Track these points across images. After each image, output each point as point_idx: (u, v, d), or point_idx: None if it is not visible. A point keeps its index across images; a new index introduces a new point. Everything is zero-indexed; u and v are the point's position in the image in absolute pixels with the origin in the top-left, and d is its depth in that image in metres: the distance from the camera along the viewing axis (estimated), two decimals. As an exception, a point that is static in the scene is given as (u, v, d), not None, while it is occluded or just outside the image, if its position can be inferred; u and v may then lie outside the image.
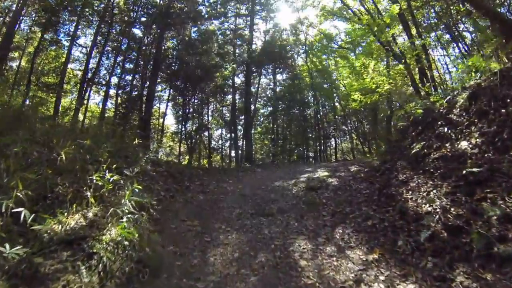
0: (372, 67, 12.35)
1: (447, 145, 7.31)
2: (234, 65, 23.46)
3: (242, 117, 27.65)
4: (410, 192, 7.16)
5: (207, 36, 21.16)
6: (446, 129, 7.73)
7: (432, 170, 7.23)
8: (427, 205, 6.28)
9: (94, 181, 5.98)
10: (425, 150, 8.32)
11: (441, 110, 8.76)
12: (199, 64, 19.11)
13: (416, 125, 10.32)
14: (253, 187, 10.43)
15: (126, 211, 5.40)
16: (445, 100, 8.93)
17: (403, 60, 13.50)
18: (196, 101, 27.58)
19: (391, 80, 13.41)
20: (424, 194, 6.71)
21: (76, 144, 7.19)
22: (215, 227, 7.09)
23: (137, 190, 6.03)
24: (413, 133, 10.15)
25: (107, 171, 6.32)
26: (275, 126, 29.78)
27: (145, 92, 24.27)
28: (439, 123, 8.28)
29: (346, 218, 7.15)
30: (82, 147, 7.25)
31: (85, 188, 5.91)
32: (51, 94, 22.92)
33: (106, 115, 25.65)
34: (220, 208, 8.34)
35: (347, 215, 7.31)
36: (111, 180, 6.17)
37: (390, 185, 8.12)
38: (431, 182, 6.88)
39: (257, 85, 29.01)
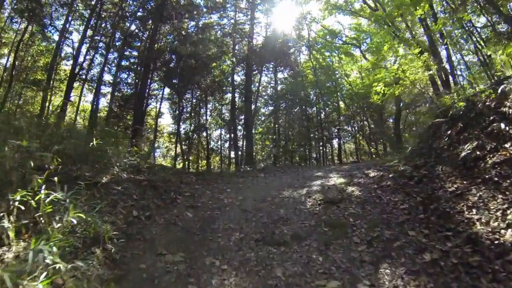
0: (402, 52, 10.01)
1: (507, 145, 5.74)
2: (233, 59, 21.31)
3: (242, 116, 25.71)
4: (473, 210, 5.28)
5: (204, 26, 18.80)
6: (503, 126, 6.00)
7: (496, 178, 5.48)
8: (510, 230, 4.43)
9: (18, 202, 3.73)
10: (478, 153, 6.29)
11: (487, 103, 6.89)
12: (194, 55, 16.79)
13: (454, 121, 8.15)
14: (256, 198, 8.09)
15: (48, 259, 3.09)
16: (500, 89, 6.68)
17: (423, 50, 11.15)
18: (193, 100, 25.53)
19: (420, 68, 11.10)
20: (498, 213, 4.86)
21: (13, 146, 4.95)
22: (206, 264, 4.83)
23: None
24: (450, 132, 8.07)
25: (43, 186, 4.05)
26: (276, 126, 27.53)
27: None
28: (491, 118, 6.48)
29: (389, 248, 5.08)
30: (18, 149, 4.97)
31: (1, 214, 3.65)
32: (39, 92, 20.96)
33: (98, 114, 23.84)
34: (214, 231, 6.02)
35: (390, 244, 5.25)
36: (48, 199, 3.89)
37: (437, 199, 6.23)
38: (501, 196, 5.08)
39: (257, 84, 26.78)
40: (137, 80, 21.77)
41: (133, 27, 21.45)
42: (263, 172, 12.92)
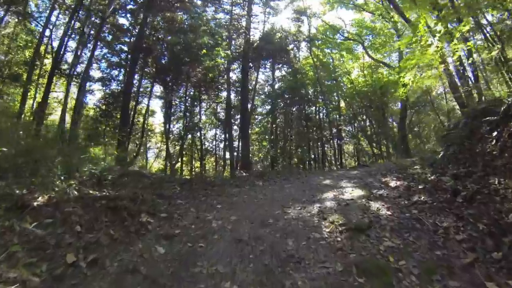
0: (443, 31, 7.88)
1: None
2: (228, 52, 19.23)
3: (238, 116, 23.81)
4: None
5: (196, 14, 16.63)
6: None
7: None
8: None
9: None
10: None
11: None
12: (183, 44, 14.61)
13: (505, 120, 6.42)
14: (254, 219, 5.99)
15: None
16: None
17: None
18: (187, 98, 23.42)
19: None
20: None
21: None
22: None
23: None
24: (499, 133, 6.44)
25: None
26: (274, 125, 25.44)
27: (134, 89, 20.26)
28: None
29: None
30: None
31: None
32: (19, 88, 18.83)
33: (86, 112, 21.75)
34: (194, 280, 3.88)
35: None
36: None
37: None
38: None
39: (254, 82, 24.67)
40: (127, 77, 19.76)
41: (124, 21, 19.38)
42: (261, 178, 10.82)
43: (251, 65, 23.04)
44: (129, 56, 19.27)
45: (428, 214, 5.56)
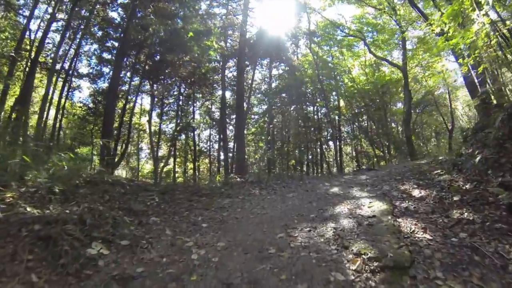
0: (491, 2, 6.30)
1: None
2: (223, 43, 17.69)
3: (234, 116, 22.36)
4: None
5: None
6: None
7: None
8: None
9: None
10: None
11: None
12: (170, 28, 12.80)
13: None
14: (248, 247, 4.29)
15: None
16: None
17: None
18: (180, 97, 21.92)
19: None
20: None
21: None
22: None
23: None
24: None
25: None
26: (271, 126, 23.84)
27: (125, 87, 18.65)
28: None
29: None
30: None
31: None
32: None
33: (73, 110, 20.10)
34: None
35: None
36: None
37: None
38: None
39: (250, 80, 23.04)
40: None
41: (115, 15, 17.76)
42: (258, 186, 9.13)
43: (248, 63, 21.49)
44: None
45: (484, 239, 4.07)
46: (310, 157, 24.41)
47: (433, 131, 29.49)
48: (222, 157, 22.75)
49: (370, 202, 6.21)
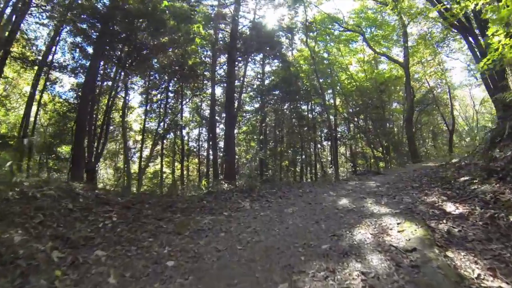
0: None
1: None
2: (212, 31, 15.93)
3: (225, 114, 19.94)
4: None
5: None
6: None
7: None
8: None
9: None
10: None
11: None
12: (144, 12, 10.83)
13: None
14: None
15: None
16: None
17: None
18: (171, 94, 20.26)
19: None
20: None
21: None
22: None
23: None
24: None
25: None
26: (263, 124, 22.24)
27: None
28: None
29: None
30: None
31: None
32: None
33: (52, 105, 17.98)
34: None
35: None
36: None
37: None
38: None
39: (242, 77, 21.23)
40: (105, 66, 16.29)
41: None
42: (248, 195, 7.33)
43: (240, 58, 19.73)
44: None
45: None
46: (304, 157, 22.84)
47: (430, 132, 28.19)
48: (212, 157, 21.06)
49: (398, 224, 4.56)
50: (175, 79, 18.48)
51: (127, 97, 16.70)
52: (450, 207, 5.22)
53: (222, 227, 4.98)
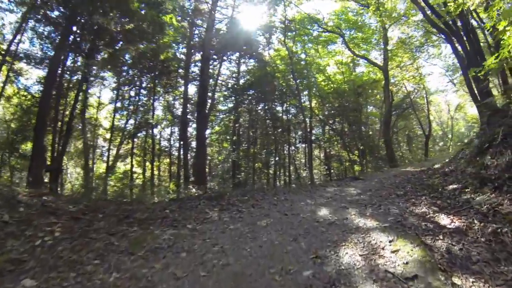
0: None
1: None
2: (185, 24, 15.04)
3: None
4: None
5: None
6: None
7: None
8: None
9: None
10: None
11: None
12: None
13: None
14: None
15: None
16: None
17: None
18: (143, 91, 19.71)
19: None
20: None
21: None
22: None
23: None
24: None
25: None
26: (237, 125, 21.40)
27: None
28: None
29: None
30: None
31: None
32: None
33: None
34: None
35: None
36: None
37: None
38: None
39: (216, 75, 20.31)
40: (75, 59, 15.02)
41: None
42: (217, 203, 6.47)
43: (215, 56, 18.90)
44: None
45: None
46: (277, 159, 22.19)
47: (405, 136, 28.18)
48: (183, 158, 20.11)
49: (390, 241, 3.92)
50: (148, 75, 17.55)
51: (88, 91, 15.41)
52: (444, 219, 4.66)
53: (184, 245, 4.16)
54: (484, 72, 6.10)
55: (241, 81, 21.41)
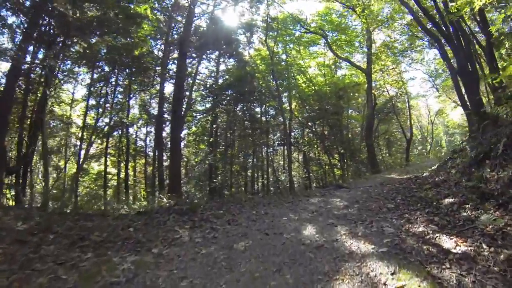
0: None
1: None
2: (162, 17, 14.21)
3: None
4: None
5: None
6: None
7: None
8: None
9: None
10: None
11: None
12: None
13: None
14: None
15: None
16: None
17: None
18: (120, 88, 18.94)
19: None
20: None
21: None
22: None
23: None
24: None
25: None
26: (214, 126, 20.90)
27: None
28: None
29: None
30: None
31: None
32: None
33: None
34: None
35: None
36: None
37: None
38: None
39: (194, 74, 19.45)
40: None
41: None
42: (189, 219, 5.62)
43: (194, 54, 18.11)
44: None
45: None
46: (255, 161, 21.66)
47: (386, 140, 28.04)
48: (158, 160, 19.21)
49: (392, 274, 3.29)
50: (124, 72, 16.63)
51: (49, 85, 14.15)
52: (446, 241, 4.10)
53: (147, 278, 3.36)
54: (500, 79, 5.67)
55: (220, 81, 20.74)
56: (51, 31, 12.47)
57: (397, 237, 4.37)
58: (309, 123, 22.48)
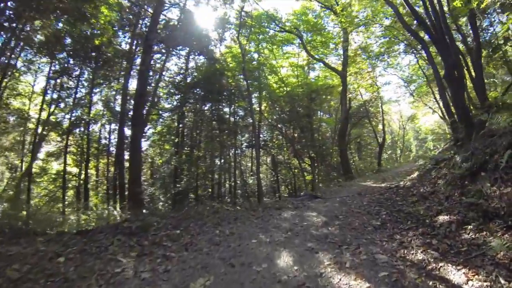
0: None
1: None
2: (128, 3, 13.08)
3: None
4: None
5: None
6: None
7: None
8: None
9: None
10: None
11: None
12: None
13: None
14: None
15: None
16: None
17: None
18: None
19: None
20: None
21: None
22: None
23: None
24: None
25: None
26: (181, 126, 19.98)
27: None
28: None
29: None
30: None
31: None
32: None
33: None
34: None
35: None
36: None
37: None
38: None
39: (160, 70, 18.23)
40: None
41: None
42: (136, 245, 4.38)
43: (164, 50, 17.00)
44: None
45: None
46: (223, 163, 21.09)
47: (356, 144, 27.77)
48: (119, 161, 17.92)
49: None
50: (80, 62, 15.31)
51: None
52: (454, 274, 3.38)
53: None
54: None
55: (189, 79, 19.66)
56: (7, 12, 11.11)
57: (394, 269, 3.57)
58: (279, 125, 21.71)
